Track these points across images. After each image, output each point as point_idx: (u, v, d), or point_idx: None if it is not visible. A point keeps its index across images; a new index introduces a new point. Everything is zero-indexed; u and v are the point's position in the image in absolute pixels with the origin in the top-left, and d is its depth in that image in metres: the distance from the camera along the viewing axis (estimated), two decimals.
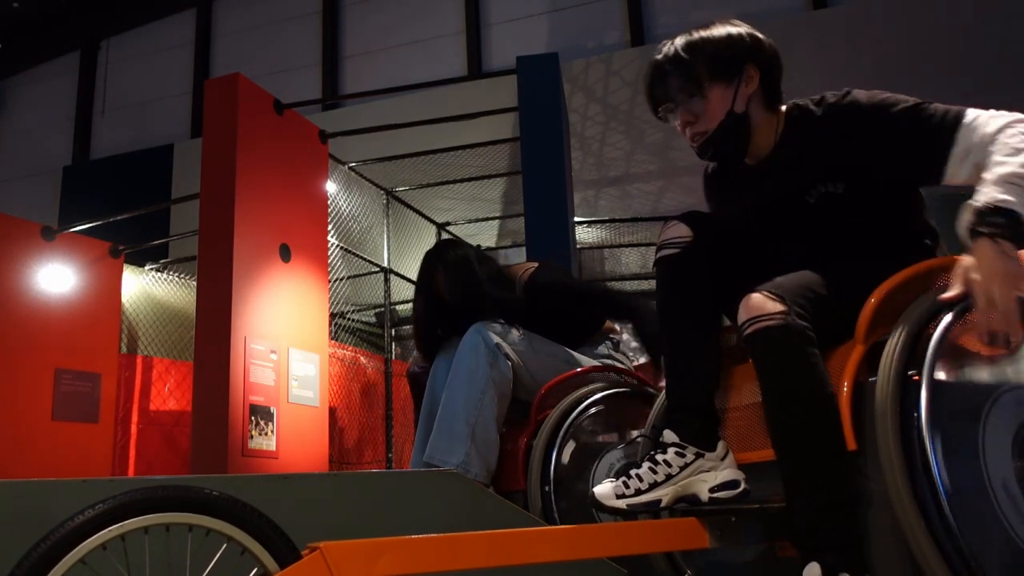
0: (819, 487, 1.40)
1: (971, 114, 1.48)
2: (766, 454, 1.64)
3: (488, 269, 2.87)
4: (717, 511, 1.56)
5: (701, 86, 1.63)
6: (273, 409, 4.31)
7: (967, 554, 1.23)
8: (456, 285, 2.81)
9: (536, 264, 2.91)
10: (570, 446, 2.36)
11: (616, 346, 2.87)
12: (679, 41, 1.67)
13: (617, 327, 2.93)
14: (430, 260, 2.92)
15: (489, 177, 6.69)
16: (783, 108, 1.71)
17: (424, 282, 2.92)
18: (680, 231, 1.69)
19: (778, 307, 1.45)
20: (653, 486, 1.58)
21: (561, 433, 2.34)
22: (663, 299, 1.72)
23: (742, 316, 1.48)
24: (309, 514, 1.80)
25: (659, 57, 1.69)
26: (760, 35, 1.68)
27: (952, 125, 1.48)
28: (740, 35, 1.66)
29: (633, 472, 1.61)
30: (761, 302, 1.46)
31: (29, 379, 5.37)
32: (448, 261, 2.85)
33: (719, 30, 1.66)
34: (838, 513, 1.39)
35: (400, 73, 9.65)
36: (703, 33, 1.66)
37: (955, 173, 1.50)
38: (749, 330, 1.46)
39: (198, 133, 8.58)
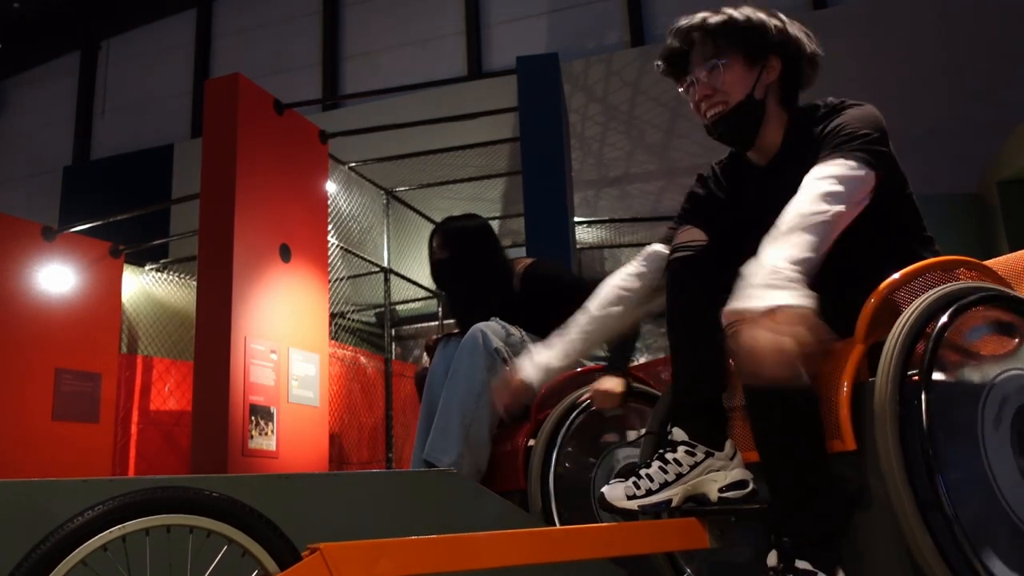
0: (790, 482, 1.43)
1: None
2: None
3: (496, 252, 2.93)
4: (717, 511, 1.57)
5: (724, 55, 1.65)
6: (273, 409, 4.31)
7: (968, 553, 1.23)
8: (455, 245, 2.88)
9: (533, 259, 2.94)
10: (570, 446, 2.36)
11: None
12: (708, 13, 1.68)
13: None
14: (438, 226, 3.00)
15: (489, 177, 6.69)
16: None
17: (429, 248, 3.01)
18: (695, 235, 1.71)
19: None
20: (664, 486, 1.59)
21: (562, 433, 2.34)
22: (675, 298, 1.72)
23: (725, 318, 1.47)
24: (309, 514, 1.80)
25: (684, 24, 1.70)
26: (793, 32, 1.69)
27: None
28: (769, 24, 1.67)
29: (643, 472, 1.61)
30: None
31: (29, 379, 5.37)
32: (458, 227, 2.94)
33: (751, 13, 1.67)
34: (806, 509, 1.41)
35: (400, 73, 9.64)
36: (733, 12, 1.67)
37: None
38: (731, 331, 1.45)
39: (198, 133, 8.58)
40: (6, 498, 1.61)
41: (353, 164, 5.95)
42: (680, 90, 1.75)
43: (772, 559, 1.39)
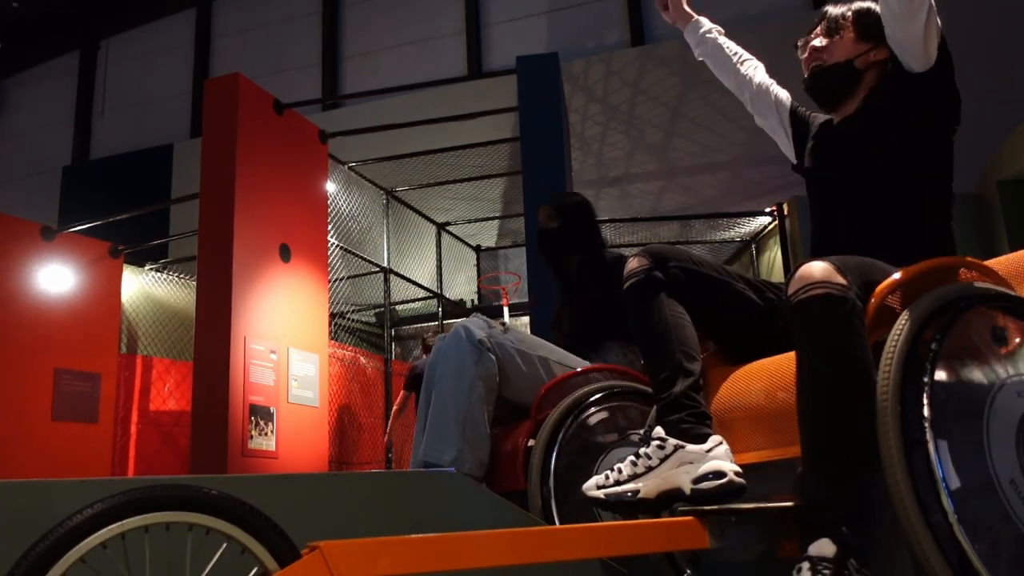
0: (849, 467, 1.37)
1: None
2: (764, 455, 1.64)
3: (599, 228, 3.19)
4: (717, 511, 1.56)
5: (844, 26, 1.89)
6: (273, 409, 4.31)
7: (969, 553, 1.23)
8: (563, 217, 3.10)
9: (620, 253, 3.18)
10: (571, 446, 2.35)
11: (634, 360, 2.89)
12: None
13: None
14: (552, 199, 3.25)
15: (489, 177, 6.69)
16: None
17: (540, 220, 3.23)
18: (641, 262, 1.79)
19: (841, 279, 1.41)
20: (633, 477, 1.61)
21: (562, 433, 2.34)
22: (634, 319, 1.79)
23: (797, 283, 1.44)
24: (309, 514, 1.80)
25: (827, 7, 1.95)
26: None
27: None
28: None
29: (617, 465, 1.63)
30: (828, 271, 1.42)
31: (29, 379, 5.37)
32: (568, 201, 3.17)
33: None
34: (858, 496, 1.36)
35: (400, 73, 9.65)
36: (869, 3, 1.91)
37: None
38: (805, 295, 1.41)
39: (198, 133, 8.57)
40: (6, 498, 1.61)
41: (353, 164, 5.96)
42: (800, 55, 1.96)
43: (825, 549, 1.31)
